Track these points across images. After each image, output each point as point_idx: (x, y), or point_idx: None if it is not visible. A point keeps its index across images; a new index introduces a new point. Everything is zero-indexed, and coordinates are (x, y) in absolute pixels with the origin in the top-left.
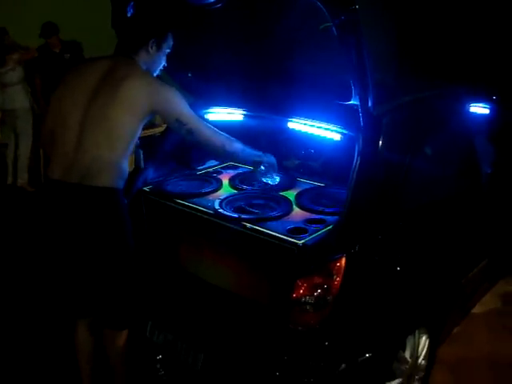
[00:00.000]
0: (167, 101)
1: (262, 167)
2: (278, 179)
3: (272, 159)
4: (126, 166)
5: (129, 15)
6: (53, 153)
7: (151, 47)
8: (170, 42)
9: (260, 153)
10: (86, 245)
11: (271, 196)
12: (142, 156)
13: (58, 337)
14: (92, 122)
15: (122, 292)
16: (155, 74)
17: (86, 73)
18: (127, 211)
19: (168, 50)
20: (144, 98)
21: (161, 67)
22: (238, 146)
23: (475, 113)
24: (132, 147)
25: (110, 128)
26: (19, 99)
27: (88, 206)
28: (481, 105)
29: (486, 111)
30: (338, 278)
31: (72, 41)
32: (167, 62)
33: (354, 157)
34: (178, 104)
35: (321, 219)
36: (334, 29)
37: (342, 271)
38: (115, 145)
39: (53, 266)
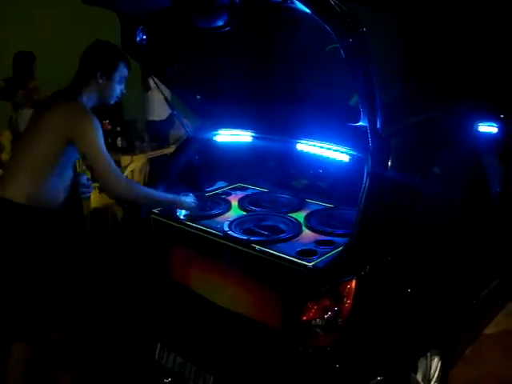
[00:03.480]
0: (80, 133)
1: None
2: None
3: (189, 200)
4: (48, 189)
5: (138, 39)
6: None
7: (100, 78)
8: (123, 72)
9: (173, 196)
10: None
11: (280, 218)
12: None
13: None
14: (22, 147)
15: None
16: (112, 102)
17: (41, 107)
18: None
19: (122, 79)
20: (59, 128)
21: (117, 95)
22: (138, 192)
23: (483, 132)
24: (54, 172)
25: (29, 154)
26: None
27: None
28: (489, 123)
29: (495, 130)
30: (348, 301)
31: None
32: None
33: (362, 178)
34: (88, 137)
35: (330, 241)
36: (341, 51)
37: (353, 293)
38: (30, 169)
39: None
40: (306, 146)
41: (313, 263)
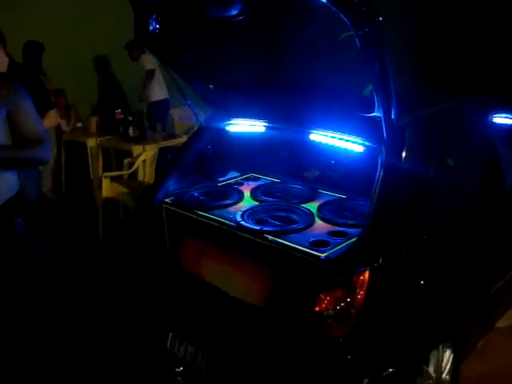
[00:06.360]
0: None
1: None
2: None
3: None
4: None
5: (151, 28)
6: None
7: None
8: None
9: None
10: None
11: (293, 208)
12: None
13: None
14: None
15: None
16: None
17: None
18: None
19: None
20: None
21: None
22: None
23: (498, 123)
24: None
25: None
26: None
27: None
28: (504, 115)
29: (510, 121)
30: (361, 292)
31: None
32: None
33: (375, 168)
34: None
35: (343, 232)
36: (357, 40)
37: (366, 285)
38: None
39: None
40: (318, 137)
41: (326, 254)
